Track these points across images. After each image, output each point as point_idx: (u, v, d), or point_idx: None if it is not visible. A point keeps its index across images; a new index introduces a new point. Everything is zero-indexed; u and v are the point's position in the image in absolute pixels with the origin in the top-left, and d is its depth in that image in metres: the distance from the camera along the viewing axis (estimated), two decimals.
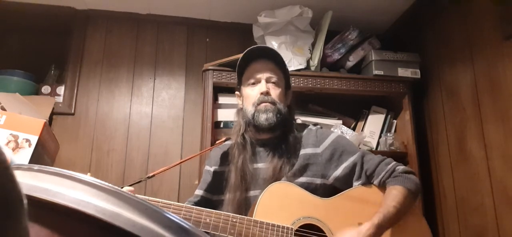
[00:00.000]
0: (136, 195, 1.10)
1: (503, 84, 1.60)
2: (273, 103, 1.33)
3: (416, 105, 2.13)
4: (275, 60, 1.40)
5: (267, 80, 1.36)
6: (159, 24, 2.44)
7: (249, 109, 1.35)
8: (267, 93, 1.34)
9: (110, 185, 0.46)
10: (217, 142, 1.52)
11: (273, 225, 1.13)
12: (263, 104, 1.33)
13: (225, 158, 1.42)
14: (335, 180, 1.31)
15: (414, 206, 1.31)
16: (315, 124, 1.51)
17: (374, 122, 2.18)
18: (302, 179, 1.28)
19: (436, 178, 2.04)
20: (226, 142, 1.46)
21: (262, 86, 1.35)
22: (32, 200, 0.41)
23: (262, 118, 1.31)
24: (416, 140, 2.04)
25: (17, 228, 0.32)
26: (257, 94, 1.35)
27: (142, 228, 0.43)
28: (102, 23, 2.40)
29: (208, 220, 1.11)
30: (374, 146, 2.11)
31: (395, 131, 2.18)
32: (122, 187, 1.17)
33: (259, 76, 1.37)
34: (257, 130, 1.36)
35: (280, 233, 1.12)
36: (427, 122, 2.14)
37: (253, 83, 1.38)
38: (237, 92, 1.49)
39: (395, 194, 1.19)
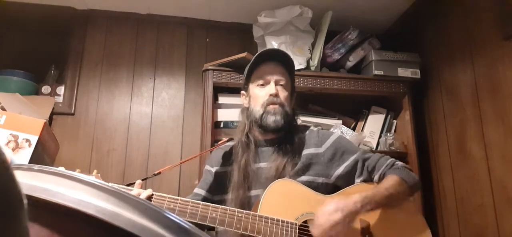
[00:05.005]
0: (144, 190, 1.15)
1: (503, 84, 1.60)
2: (281, 105, 1.36)
3: (416, 105, 2.13)
4: (284, 64, 1.43)
5: (276, 82, 1.39)
6: (159, 24, 2.44)
7: (257, 109, 1.38)
8: (276, 95, 1.36)
9: (110, 185, 0.46)
10: (219, 142, 1.52)
11: (278, 220, 1.15)
12: (272, 106, 1.36)
13: (226, 158, 1.43)
14: (337, 178, 1.34)
15: (412, 203, 1.32)
16: (316, 125, 1.53)
17: (374, 122, 2.18)
18: (304, 178, 1.30)
19: (436, 178, 2.03)
20: (228, 143, 1.47)
21: (271, 88, 1.37)
22: (32, 200, 0.41)
23: (270, 120, 1.34)
24: (416, 140, 2.04)
25: (17, 228, 0.32)
26: (266, 95, 1.37)
27: (142, 228, 0.43)
28: (102, 23, 2.40)
29: (214, 215, 1.14)
30: (374, 146, 2.11)
31: (395, 131, 2.18)
32: (133, 184, 1.22)
33: (268, 77, 1.39)
34: (263, 130, 1.38)
35: (284, 228, 1.14)
36: (427, 122, 2.14)
37: (262, 84, 1.40)
38: (242, 92, 1.50)
39: (389, 180, 1.25)
